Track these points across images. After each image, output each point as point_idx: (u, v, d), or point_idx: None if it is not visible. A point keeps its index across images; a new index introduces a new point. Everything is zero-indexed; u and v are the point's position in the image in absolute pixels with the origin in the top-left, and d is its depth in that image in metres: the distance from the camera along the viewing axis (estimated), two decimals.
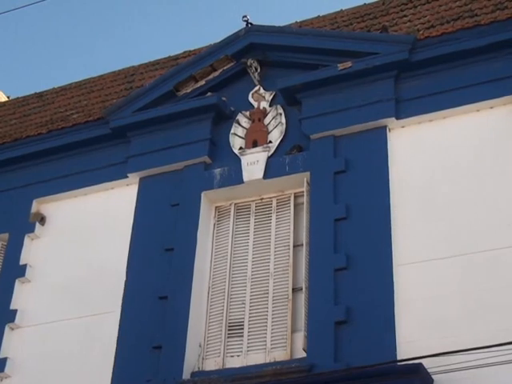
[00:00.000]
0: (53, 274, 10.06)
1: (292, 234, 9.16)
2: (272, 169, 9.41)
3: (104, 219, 10.20)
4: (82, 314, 9.53)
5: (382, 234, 8.46)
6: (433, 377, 7.41)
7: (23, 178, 10.94)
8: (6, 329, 9.77)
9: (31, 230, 10.45)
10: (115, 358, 8.98)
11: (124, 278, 9.48)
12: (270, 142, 9.61)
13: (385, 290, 8.13)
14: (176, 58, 12.16)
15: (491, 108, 8.78)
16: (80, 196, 10.60)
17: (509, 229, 7.96)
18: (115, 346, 9.06)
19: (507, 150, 8.42)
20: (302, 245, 8.93)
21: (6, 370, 9.48)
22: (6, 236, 10.64)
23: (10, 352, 9.64)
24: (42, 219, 10.56)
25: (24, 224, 10.52)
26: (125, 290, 9.42)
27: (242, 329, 8.87)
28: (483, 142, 8.60)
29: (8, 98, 14.78)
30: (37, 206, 10.68)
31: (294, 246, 9.09)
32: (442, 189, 8.51)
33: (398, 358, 7.66)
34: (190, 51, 12.10)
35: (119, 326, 9.20)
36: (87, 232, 10.19)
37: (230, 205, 9.67)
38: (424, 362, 7.35)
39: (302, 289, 8.72)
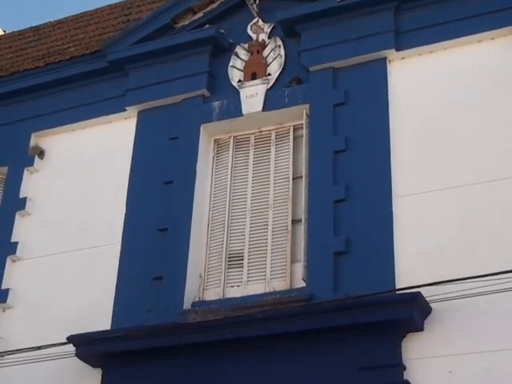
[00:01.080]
0: (53, 207, 10.10)
1: (291, 167, 9.17)
2: (271, 101, 9.36)
3: (103, 153, 10.20)
4: (82, 246, 9.59)
5: (381, 165, 8.45)
6: (431, 305, 7.49)
7: (21, 112, 10.88)
8: (8, 261, 9.84)
9: (30, 163, 10.45)
10: (116, 289, 9.07)
11: (124, 211, 9.53)
12: (269, 74, 9.54)
13: (384, 221, 8.17)
14: None
15: (492, 39, 8.68)
16: (78, 130, 10.58)
17: (508, 160, 7.96)
18: (116, 277, 9.14)
19: (508, 81, 8.37)
20: (302, 177, 8.94)
21: (9, 300, 9.57)
22: (5, 170, 10.65)
23: (12, 283, 9.72)
24: (41, 153, 10.55)
25: (23, 158, 10.53)
26: (125, 222, 9.48)
27: (242, 260, 8.94)
28: (484, 72, 8.54)
29: (4, 32, 14.64)
30: (35, 139, 10.67)
31: (294, 179, 9.11)
32: (441, 120, 8.48)
33: (397, 287, 7.72)
34: None
35: (120, 257, 9.27)
36: (86, 165, 10.20)
37: (229, 138, 9.66)
38: (422, 290, 7.43)
39: (301, 220, 8.77)
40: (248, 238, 9.02)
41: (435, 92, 8.67)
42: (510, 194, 7.82)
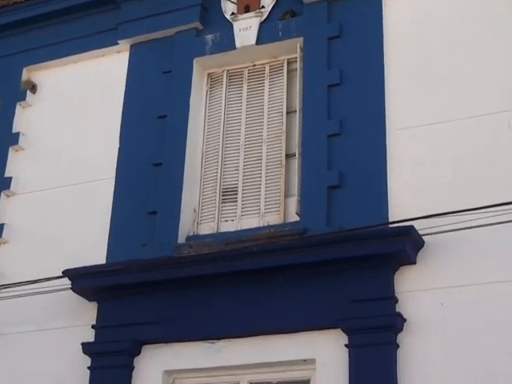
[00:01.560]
0: (46, 142, 10.07)
1: (285, 101, 9.12)
2: (265, 34, 9.25)
3: (95, 87, 10.12)
4: (76, 181, 9.59)
5: (375, 99, 8.40)
6: (424, 238, 7.54)
7: (12, 46, 10.74)
8: (2, 196, 9.86)
9: (23, 98, 10.37)
10: (111, 223, 9.11)
11: (118, 145, 9.52)
12: (263, 7, 9.41)
13: (377, 155, 8.16)
14: None
15: None
16: (70, 64, 10.46)
17: (502, 93, 7.94)
18: (110, 211, 9.18)
19: (503, 16, 8.27)
20: (296, 111, 8.90)
21: (4, 235, 9.62)
22: None
23: (7, 219, 9.76)
24: (33, 87, 10.46)
25: (15, 92, 10.44)
26: (119, 157, 9.46)
27: (236, 194, 8.97)
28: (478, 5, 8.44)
29: None
30: (27, 73, 10.57)
31: (287, 113, 9.07)
32: (437, 53, 8.39)
33: (390, 220, 7.76)
34: None
35: (114, 192, 9.28)
36: (79, 100, 10.13)
37: (223, 71, 9.59)
38: (415, 224, 7.46)
39: (295, 155, 8.76)
40: (242, 173, 9.04)
41: (431, 25, 8.55)
42: (504, 128, 7.80)
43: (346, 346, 7.47)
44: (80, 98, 10.14)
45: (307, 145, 8.56)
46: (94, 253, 8.90)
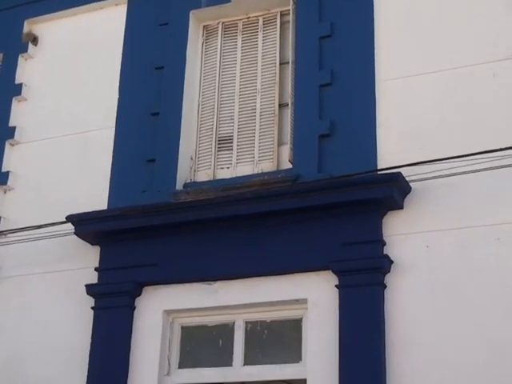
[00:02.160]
0: (48, 93, 10.01)
1: (278, 52, 9.07)
2: None
3: (94, 39, 10.01)
4: (78, 130, 9.56)
5: (365, 51, 8.35)
6: (411, 185, 7.58)
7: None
8: (6, 145, 9.84)
9: (24, 50, 10.28)
10: (111, 171, 9.12)
11: (117, 96, 9.47)
12: None
13: (367, 104, 8.15)
14: None
15: None
16: (69, 16, 10.32)
17: (487, 44, 7.89)
18: (111, 160, 9.18)
19: None
20: (288, 62, 8.83)
21: (9, 182, 9.62)
22: (0, 56, 10.50)
23: (12, 166, 9.75)
24: (35, 39, 10.37)
25: (17, 44, 10.34)
26: (118, 107, 9.42)
27: (231, 142, 8.96)
28: None
29: None
30: (28, 26, 10.45)
31: (280, 64, 9.02)
32: (424, 8, 8.32)
33: (379, 167, 7.80)
34: None
35: (114, 141, 9.26)
36: (79, 51, 10.04)
37: (218, 24, 9.50)
38: (403, 171, 7.50)
39: (288, 104, 8.74)
40: (237, 122, 9.02)
41: None
42: (489, 78, 7.79)
43: (336, 286, 7.56)
44: (80, 49, 10.05)
45: (299, 95, 8.53)
46: (96, 199, 8.92)
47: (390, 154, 7.85)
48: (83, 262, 8.75)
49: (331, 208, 7.71)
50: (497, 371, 6.83)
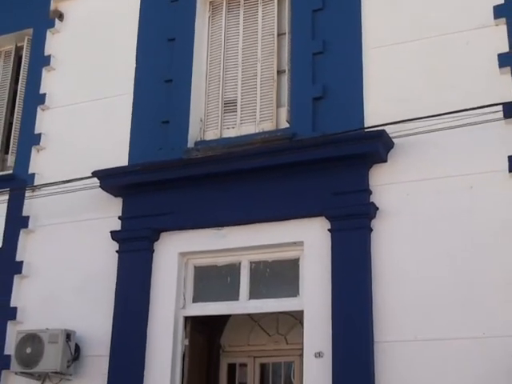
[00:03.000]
0: (74, 63, 10.02)
1: (276, 25, 9.03)
2: None
3: (113, 14, 9.99)
4: (100, 96, 9.58)
5: (353, 22, 8.32)
6: (394, 141, 7.64)
7: None
8: (38, 110, 9.86)
9: (52, 25, 10.29)
10: (131, 131, 9.17)
11: (134, 65, 9.49)
12: None
13: (355, 70, 8.15)
14: None
15: None
16: None
17: (462, 13, 7.86)
18: (130, 121, 9.23)
19: None
20: (285, 33, 8.86)
21: (41, 143, 9.64)
22: (30, 31, 10.49)
23: (43, 129, 9.75)
24: (61, 16, 10.36)
25: (45, 20, 10.34)
26: (135, 75, 9.43)
27: (236, 105, 8.98)
28: None
29: None
30: (54, 4, 10.40)
31: (278, 35, 9.00)
32: None
33: (365, 126, 7.85)
34: None
35: (132, 105, 9.29)
36: (99, 26, 10.02)
37: (223, 0, 9.48)
38: (387, 128, 7.58)
39: (285, 71, 8.76)
40: (240, 87, 9.02)
41: None
42: (462, 45, 7.78)
43: (328, 230, 7.67)
44: (100, 24, 10.04)
45: (295, 62, 8.56)
46: (118, 156, 8.99)
47: (375, 113, 7.89)
48: (108, 211, 8.84)
49: (324, 162, 7.78)
50: (465, 297, 6.98)
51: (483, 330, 6.83)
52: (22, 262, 9.16)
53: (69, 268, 8.87)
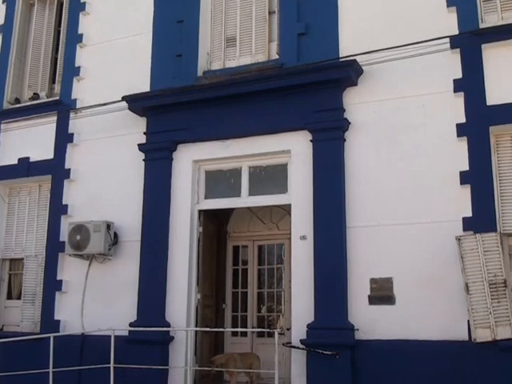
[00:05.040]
0: (104, 9, 9.54)
1: None
2: None
3: None
4: (126, 35, 9.16)
5: None
6: (363, 68, 7.43)
7: None
8: (77, 47, 9.50)
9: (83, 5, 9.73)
10: (151, 64, 8.81)
11: (153, 9, 9.04)
12: None
13: (332, 11, 7.85)
14: None
15: None
16: None
17: None
18: (150, 56, 8.85)
19: None
20: None
21: (81, 74, 9.38)
22: None
23: (81, 62, 9.44)
24: None
25: None
26: (154, 17, 9.01)
27: (235, 41, 8.66)
28: None
29: None
30: None
31: None
32: None
33: (340, 56, 7.58)
34: None
35: (152, 42, 8.92)
36: None
37: None
38: (357, 58, 7.34)
39: (275, 12, 8.44)
40: (239, 26, 8.67)
41: None
42: None
43: (310, 141, 7.55)
44: None
45: (283, 4, 8.20)
46: (142, 84, 8.73)
47: (348, 46, 7.62)
48: (135, 128, 8.67)
49: (307, 85, 7.57)
50: (417, 191, 6.95)
51: (431, 216, 6.82)
52: (69, 170, 9.07)
53: (107, 173, 8.78)
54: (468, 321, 6.42)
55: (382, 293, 6.88)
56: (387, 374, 6.63)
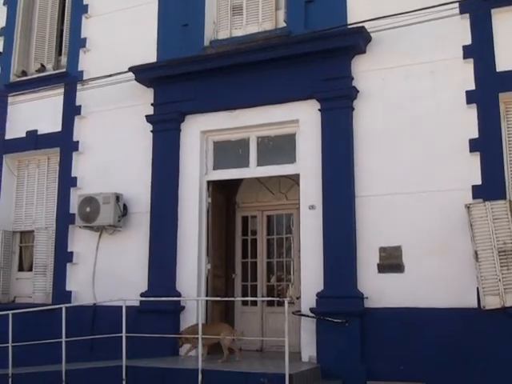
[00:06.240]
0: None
1: None
2: None
3: None
4: (131, 5, 9.06)
5: None
6: (371, 35, 7.35)
7: None
8: (83, 18, 9.47)
9: None
10: (158, 34, 8.75)
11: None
12: None
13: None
14: None
15: None
16: None
17: None
18: (156, 26, 8.78)
19: None
20: None
21: (87, 45, 9.32)
22: None
23: (88, 34, 9.40)
24: None
25: None
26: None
27: (242, 9, 8.58)
28: None
29: None
30: None
31: None
32: None
33: (348, 23, 7.48)
34: None
35: (158, 12, 8.84)
36: None
37: None
38: (366, 25, 7.24)
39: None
40: None
41: None
42: None
43: (319, 110, 7.50)
44: None
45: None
46: (148, 54, 8.67)
47: (356, 13, 7.52)
48: (142, 99, 8.64)
49: (315, 54, 7.50)
50: (425, 158, 6.88)
51: (440, 184, 6.80)
52: (78, 142, 9.09)
53: (115, 145, 8.79)
54: (477, 288, 6.45)
55: (391, 261, 6.92)
56: (396, 342, 6.70)
